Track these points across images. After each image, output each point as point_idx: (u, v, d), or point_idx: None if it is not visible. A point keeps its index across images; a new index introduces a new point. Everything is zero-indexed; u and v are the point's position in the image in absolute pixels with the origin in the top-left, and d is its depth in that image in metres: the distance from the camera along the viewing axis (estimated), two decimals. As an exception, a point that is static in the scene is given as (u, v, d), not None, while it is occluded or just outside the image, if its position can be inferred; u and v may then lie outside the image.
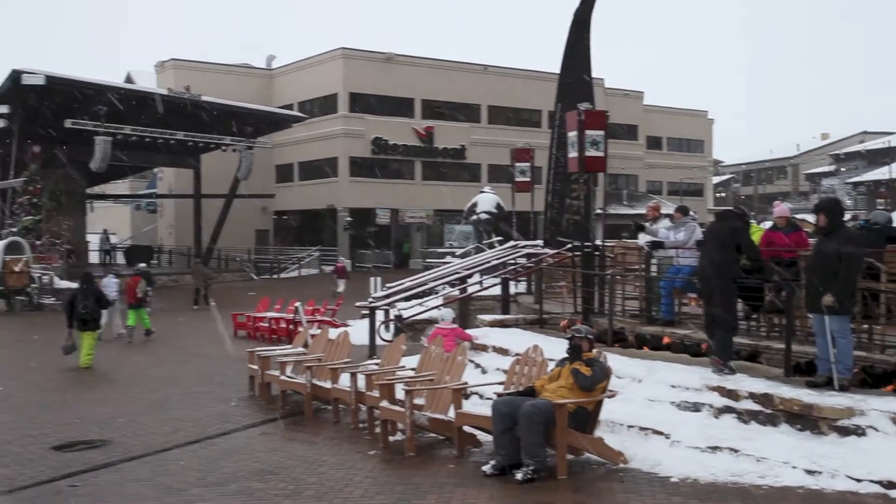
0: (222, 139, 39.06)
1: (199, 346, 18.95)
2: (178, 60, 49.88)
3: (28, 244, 30.68)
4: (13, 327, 24.22)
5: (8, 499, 7.41)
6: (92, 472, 8.51)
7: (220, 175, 41.82)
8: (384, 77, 47.78)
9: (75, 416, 11.23)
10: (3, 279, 29.30)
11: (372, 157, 48.18)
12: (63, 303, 18.56)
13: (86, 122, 33.55)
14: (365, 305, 16.90)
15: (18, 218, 33.10)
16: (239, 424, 10.62)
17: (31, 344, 20.17)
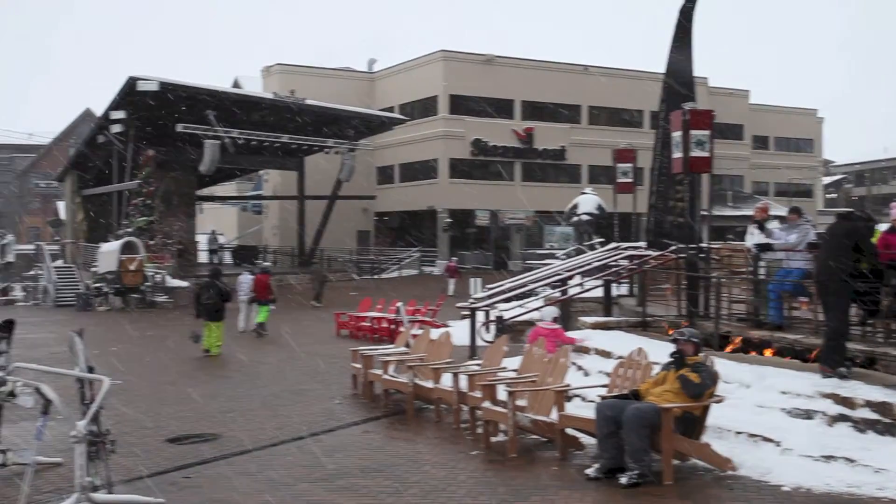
0: (325, 142, 39.82)
1: (304, 344, 19.35)
2: (284, 65, 51.06)
3: (142, 244, 31.96)
4: (128, 324, 25.17)
5: (127, 487, 7.71)
6: (204, 464, 8.79)
7: (322, 177, 42.63)
8: (484, 79, 47.84)
9: (188, 410, 11.63)
10: (119, 278, 30.60)
11: (471, 159, 48.31)
12: (191, 296, 20.47)
13: (196, 126, 34.70)
14: (465, 306, 16.96)
15: (133, 219, 34.47)
16: (343, 422, 10.80)
17: (145, 340, 20.98)
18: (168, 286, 31.93)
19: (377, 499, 7.45)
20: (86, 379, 7.55)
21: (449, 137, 47.59)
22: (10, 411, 7.50)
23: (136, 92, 33.21)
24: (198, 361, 16.91)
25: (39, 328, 22.93)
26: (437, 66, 48.07)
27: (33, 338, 19.47)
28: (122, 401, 11.25)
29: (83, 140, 45.37)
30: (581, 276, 18.58)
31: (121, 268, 30.63)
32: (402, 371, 11.68)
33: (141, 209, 34.56)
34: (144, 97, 33.40)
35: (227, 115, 35.85)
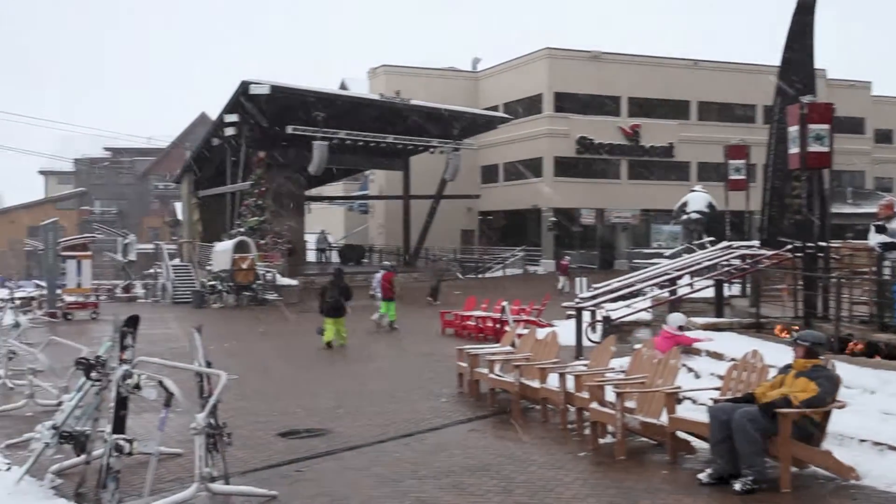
0: (430, 141, 40.13)
1: (410, 342, 19.55)
2: (389, 66, 51.70)
3: (254, 243, 32.87)
4: (241, 321, 25.95)
5: (243, 479, 7.94)
6: (314, 458, 8.97)
7: (427, 176, 42.98)
8: (589, 76, 47.34)
9: (297, 405, 11.89)
10: (232, 276, 31.55)
11: (577, 157, 47.87)
12: (317, 292, 21.21)
13: (305, 128, 35.49)
14: (572, 306, 16.82)
15: (245, 219, 35.51)
16: (449, 420, 10.85)
17: (257, 336, 21.57)
18: (278, 284, 32.74)
19: (484, 497, 7.45)
20: (204, 373, 7.81)
21: (554, 135, 47.27)
22: (134, 403, 7.80)
23: (249, 95, 34.22)
24: (306, 358, 17.29)
25: (159, 324, 23.84)
26: (542, 63, 47.81)
27: (153, 333, 20.28)
28: (236, 395, 11.60)
29: (199, 143, 46.99)
30: (690, 276, 18.18)
31: (234, 266, 31.57)
32: (507, 370, 11.66)
33: (253, 209, 35.56)
34: (256, 100, 34.38)
35: (335, 116, 36.52)
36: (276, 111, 35.46)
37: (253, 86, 33.90)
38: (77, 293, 29.28)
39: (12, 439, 9.72)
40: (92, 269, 31.14)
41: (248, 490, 7.53)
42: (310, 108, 35.73)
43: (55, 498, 7.52)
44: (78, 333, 20.48)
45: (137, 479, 7.73)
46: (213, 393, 7.47)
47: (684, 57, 50.89)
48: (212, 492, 7.24)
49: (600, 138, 47.74)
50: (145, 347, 8.66)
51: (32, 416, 11.18)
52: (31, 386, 11.79)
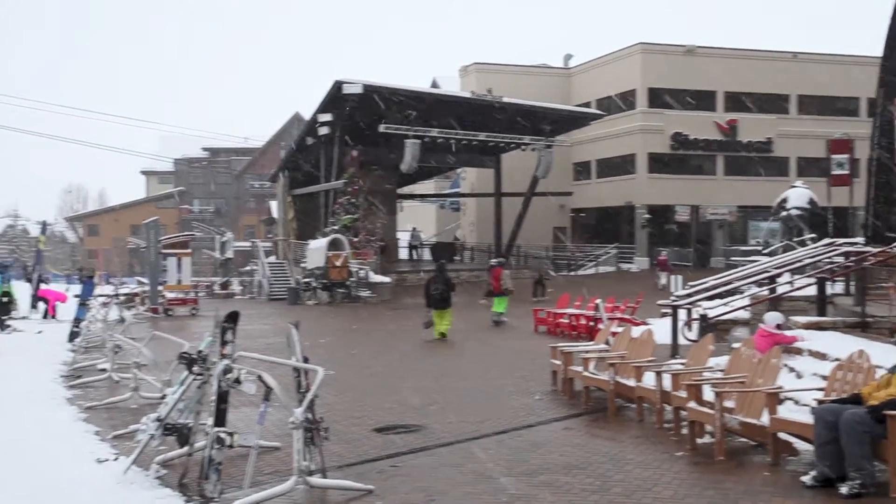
0: (522, 139, 39.99)
1: (503, 339, 19.54)
2: (480, 64, 51.71)
3: (347, 241, 33.35)
4: (335, 317, 26.36)
5: (339, 473, 8.05)
6: (409, 454, 9.03)
7: (519, 174, 42.84)
8: (684, 70, 46.40)
9: (392, 401, 12.00)
10: (326, 273, 32.08)
11: (671, 153, 47.03)
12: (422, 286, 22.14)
13: (397, 126, 35.80)
14: (667, 304, 16.52)
15: (339, 217, 36.05)
16: (543, 418, 10.78)
17: (351, 333, 21.90)
18: (371, 281, 33.14)
19: (580, 496, 7.37)
20: (301, 369, 7.95)
21: (647, 131, 46.53)
22: (233, 397, 8.00)
23: (342, 95, 34.72)
24: (399, 354, 17.44)
25: (255, 320, 24.42)
26: (636, 59, 47.11)
27: (250, 329, 20.78)
28: (332, 391, 11.78)
29: (293, 142, 47.92)
30: (791, 274, 17.63)
31: (328, 264, 32.10)
32: (602, 368, 11.54)
33: (346, 207, 36.08)
34: (349, 99, 34.85)
35: (427, 114, 36.74)
36: (369, 110, 35.88)
37: (346, 85, 34.40)
38: (177, 290, 30.24)
39: (119, 430, 10.08)
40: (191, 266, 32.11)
41: (345, 484, 7.63)
42: (402, 107, 36.04)
43: (160, 488, 7.75)
44: (179, 329, 21.11)
45: (237, 472, 7.92)
46: (311, 388, 7.59)
47: (783, 49, 49.40)
48: (309, 485, 7.36)
49: (695, 134, 46.77)
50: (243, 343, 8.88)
51: (137, 408, 11.59)
52: (136, 379, 12.21)
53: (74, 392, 13.29)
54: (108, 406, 11.93)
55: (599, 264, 45.39)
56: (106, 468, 8.38)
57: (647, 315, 20.04)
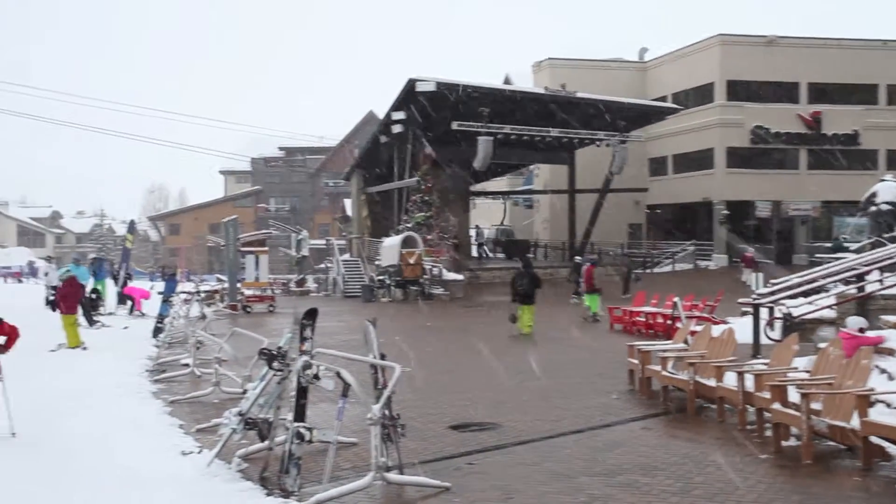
0: (596, 134, 39.59)
1: (578, 337, 19.37)
2: (554, 59, 51.32)
3: (420, 238, 33.47)
4: (409, 315, 26.47)
5: (416, 470, 8.04)
6: (484, 452, 9.00)
7: (593, 170, 42.42)
8: (765, 61, 45.22)
9: (466, 399, 11.98)
10: (400, 271, 32.26)
11: (751, 147, 45.91)
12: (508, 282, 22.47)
13: (470, 124, 35.78)
14: (748, 302, 16.13)
15: (412, 214, 36.21)
16: (620, 417, 10.63)
17: (425, 330, 21.95)
18: (445, 279, 33.21)
19: (660, 497, 7.24)
20: (379, 365, 7.99)
21: (726, 125, 45.53)
22: (312, 393, 8.08)
23: (415, 93, 34.86)
24: (474, 352, 17.40)
25: (331, 318, 24.68)
26: (714, 51, 46.13)
27: (326, 326, 21.00)
28: (408, 388, 11.80)
29: (367, 141, 48.30)
30: (880, 272, 17.03)
31: (401, 261, 32.28)
32: (681, 368, 11.31)
33: (419, 205, 36.21)
34: (422, 97, 34.96)
35: (500, 111, 36.63)
36: (442, 107, 35.94)
37: (419, 83, 34.53)
38: (255, 287, 30.75)
39: (202, 424, 10.29)
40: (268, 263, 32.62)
41: (422, 481, 7.64)
42: (475, 104, 36.00)
43: (242, 481, 7.88)
44: (257, 325, 21.47)
45: (316, 466, 8.01)
46: (388, 385, 7.62)
47: (872, 38, 47.77)
48: (387, 481, 7.39)
49: (777, 127, 45.58)
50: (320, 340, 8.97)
51: (218, 402, 11.82)
52: (217, 374, 12.45)
53: (159, 386, 13.63)
54: (190, 400, 12.19)
55: (676, 262, 44.63)
56: (190, 460, 8.57)
57: (726, 314, 19.61)
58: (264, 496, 7.42)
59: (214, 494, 7.49)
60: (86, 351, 17.69)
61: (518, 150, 40.35)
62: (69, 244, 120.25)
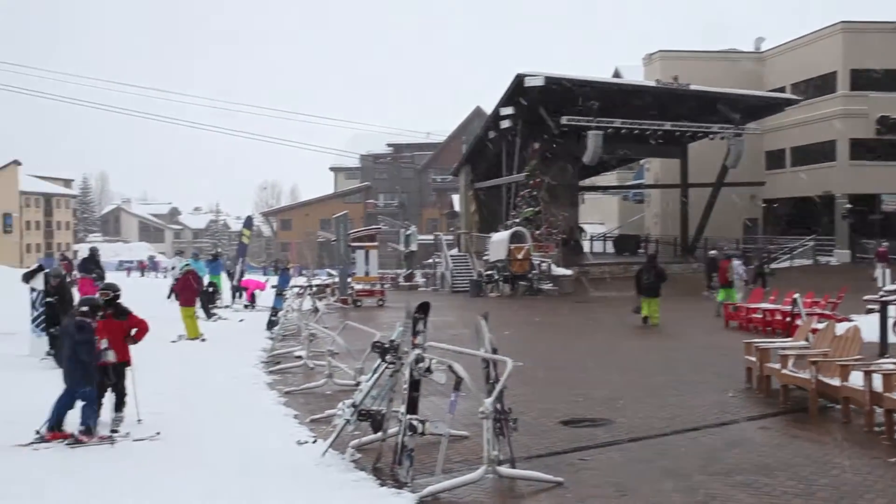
0: (710, 127, 38.57)
1: (692, 334, 18.95)
2: (665, 52, 50.23)
3: (529, 233, 33.32)
4: (517, 310, 26.40)
5: (527, 464, 8.02)
6: (597, 448, 8.87)
7: (706, 164, 41.32)
8: (891, 49, 43.07)
9: (578, 394, 11.85)
10: (508, 266, 32.21)
11: (876, 139, 43.79)
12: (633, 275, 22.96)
13: (579, 118, 35.40)
14: (875, 300, 15.43)
15: (520, 210, 36.07)
16: (737, 416, 10.31)
17: (534, 325, 21.87)
18: (553, 274, 32.97)
19: (781, 499, 6.99)
20: (490, 360, 7.97)
21: (849, 116, 43.59)
22: (424, 385, 8.14)
23: (524, 88, 34.71)
24: (583, 347, 17.25)
25: (439, 312, 24.78)
26: (836, 38, 44.23)
27: (435, 320, 21.01)
28: (518, 382, 11.70)
29: (475, 136, 48.35)
30: None
31: (510, 256, 32.21)
32: (802, 366, 10.89)
33: (528, 200, 36.05)
34: (531, 92, 34.79)
35: (609, 105, 36.10)
36: (551, 102, 35.68)
37: (528, 78, 34.37)
38: (365, 281, 31.22)
39: (315, 415, 10.50)
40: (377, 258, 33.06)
41: (535, 475, 7.58)
42: (584, 98, 35.59)
43: (355, 471, 8.00)
44: (367, 319, 21.77)
45: (428, 458, 8.05)
46: (500, 379, 7.60)
47: None
48: (499, 474, 7.37)
49: (904, 117, 43.33)
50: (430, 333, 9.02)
51: (331, 394, 12.05)
52: (330, 366, 12.68)
53: (274, 377, 13.99)
54: (304, 391, 12.46)
55: (794, 257, 43.05)
56: (305, 450, 8.76)
57: (849, 311, 18.82)
58: (377, 486, 7.51)
59: (330, 483, 7.62)
60: (204, 342, 18.33)
61: (628, 145, 39.62)
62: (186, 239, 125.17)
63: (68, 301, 15.49)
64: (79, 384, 9.08)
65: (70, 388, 9.11)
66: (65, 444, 8.88)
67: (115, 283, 10.86)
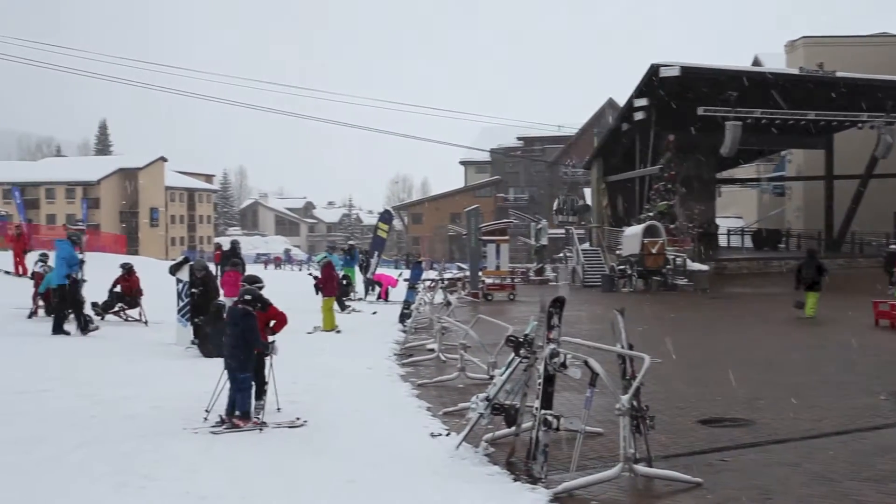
0: (858, 116, 36.64)
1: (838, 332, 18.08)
2: (809, 38, 48.06)
3: (663, 228, 32.55)
4: (651, 305, 25.83)
5: (664, 463, 7.83)
6: (738, 449, 8.58)
7: (853, 155, 39.30)
8: None
9: (715, 393, 11.49)
10: (641, 260, 31.57)
11: None
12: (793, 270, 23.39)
13: (717, 109, 34.31)
14: None
15: (654, 203, 35.27)
16: (891, 420, 9.76)
17: (669, 322, 21.34)
18: (688, 270, 32.11)
19: (942, 511, 6.57)
20: (627, 356, 7.82)
21: None
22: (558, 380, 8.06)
23: (658, 78, 33.91)
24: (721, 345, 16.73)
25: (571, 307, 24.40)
26: None
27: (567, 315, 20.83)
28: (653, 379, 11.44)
29: (607, 128, 47.63)
30: None
31: (643, 251, 31.55)
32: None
33: (662, 193, 35.20)
34: (666, 83, 33.96)
35: (748, 94, 34.81)
36: (687, 92, 34.71)
37: (663, 68, 33.55)
38: (495, 275, 31.24)
39: (448, 408, 10.58)
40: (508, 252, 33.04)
41: (673, 475, 7.40)
42: (722, 88, 34.44)
43: (489, 465, 8.02)
44: (498, 313, 21.79)
45: (561, 454, 7.97)
46: (637, 376, 7.45)
47: None
48: (636, 473, 7.23)
49: None
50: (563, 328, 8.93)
51: (463, 387, 12.12)
52: (462, 360, 12.74)
53: (407, 370, 14.18)
54: (437, 384, 12.58)
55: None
56: (439, 442, 8.84)
57: None
58: (511, 481, 7.50)
59: (464, 476, 7.66)
60: (339, 334, 18.75)
61: (768, 136, 38.10)
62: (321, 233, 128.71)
63: (212, 291, 16.18)
64: (240, 370, 9.48)
65: (232, 373, 9.53)
66: (223, 427, 9.28)
67: (259, 276, 11.23)
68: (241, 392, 9.48)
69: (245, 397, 9.51)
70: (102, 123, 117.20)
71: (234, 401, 9.48)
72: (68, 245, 17.71)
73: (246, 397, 9.52)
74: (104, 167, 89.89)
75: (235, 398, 9.47)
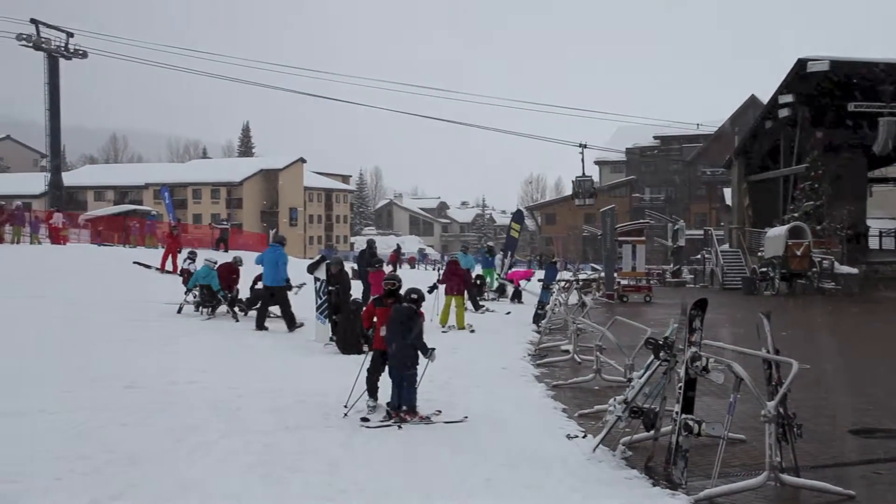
0: None
1: None
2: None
3: (809, 229, 31.27)
4: (795, 309, 24.92)
5: (812, 474, 7.50)
6: (893, 462, 8.14)
7: None
8: None
9: (868, 402, 10.95)
10: (785, 262, 30.42)
11: None
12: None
13: (870, 104, 32.68)
14: None
15: (799, 203, 33.92)
16: None
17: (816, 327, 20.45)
18: (836, 272, 30.73)
19: None
20: (773, 361, 7.55)
21: None
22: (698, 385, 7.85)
23: (805, 73, 32.58)
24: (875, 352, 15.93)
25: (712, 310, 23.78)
26: None
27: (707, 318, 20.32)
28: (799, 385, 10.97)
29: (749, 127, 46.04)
30: None
31: (787, 252, 30.41)
32: None
33: (808, 193, 33.84)
34: (813, 78, 32.59)
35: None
36: (836, 88, 33.22)
37: (810, 63, 32.23)
38: (631, 276, 30.73)
39: (584, 410, 10.48)
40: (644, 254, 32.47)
41: (822, 486, 7.09)
42: (875, 82, 32.77)
43: (626, 468, 7.90)
44: (635, 315, 21.43)
45: (702, 460, 7.79)
46: (784, 382, 7.18)
47: None
48: (781, 482, 6.96)
49: None
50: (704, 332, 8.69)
51: (599, 389, 11.97)
52: (598, 362, 12.58)
53: (541, 370, 14.13)
54: (572, 386, 12.47)
55: None
56: (575, 444, 8.76)
57: None
58: (650, 486, 7.37)
59: (601, 479, 7.58)
60: (473, 333, 18.87)
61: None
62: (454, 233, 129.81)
63: (347, 289, 16.62)
64: (406, 367, 9.83)
65: (398, 370, 9.86)
66: (391, 421, 9.62)
67: (397, 275, 11.44)
68: (408, 388, 9.84)
69: (411, 392, 9.88)
70: (245, 126, 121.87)
71: (399, 396, 9.83)
72: (281, 250, 18.77)
73: (412, 392, 9.88)
74: (247, 168, 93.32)
75: (401, 393, 9.81)
